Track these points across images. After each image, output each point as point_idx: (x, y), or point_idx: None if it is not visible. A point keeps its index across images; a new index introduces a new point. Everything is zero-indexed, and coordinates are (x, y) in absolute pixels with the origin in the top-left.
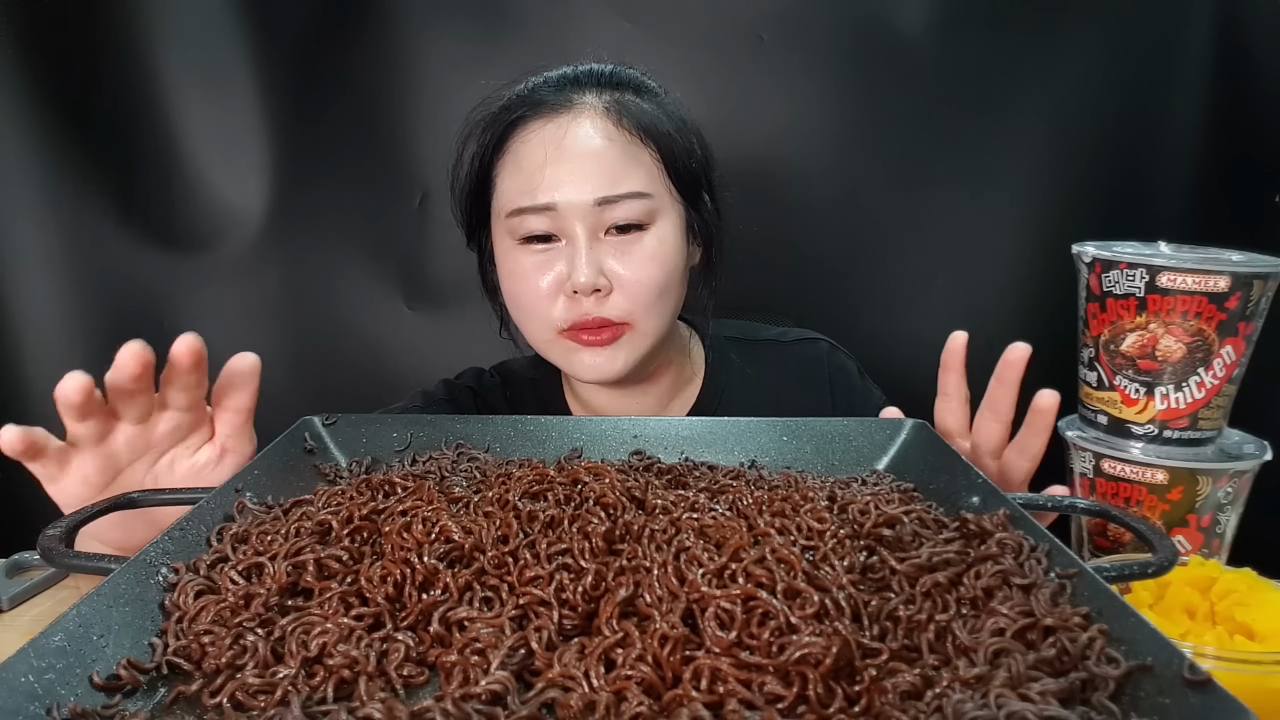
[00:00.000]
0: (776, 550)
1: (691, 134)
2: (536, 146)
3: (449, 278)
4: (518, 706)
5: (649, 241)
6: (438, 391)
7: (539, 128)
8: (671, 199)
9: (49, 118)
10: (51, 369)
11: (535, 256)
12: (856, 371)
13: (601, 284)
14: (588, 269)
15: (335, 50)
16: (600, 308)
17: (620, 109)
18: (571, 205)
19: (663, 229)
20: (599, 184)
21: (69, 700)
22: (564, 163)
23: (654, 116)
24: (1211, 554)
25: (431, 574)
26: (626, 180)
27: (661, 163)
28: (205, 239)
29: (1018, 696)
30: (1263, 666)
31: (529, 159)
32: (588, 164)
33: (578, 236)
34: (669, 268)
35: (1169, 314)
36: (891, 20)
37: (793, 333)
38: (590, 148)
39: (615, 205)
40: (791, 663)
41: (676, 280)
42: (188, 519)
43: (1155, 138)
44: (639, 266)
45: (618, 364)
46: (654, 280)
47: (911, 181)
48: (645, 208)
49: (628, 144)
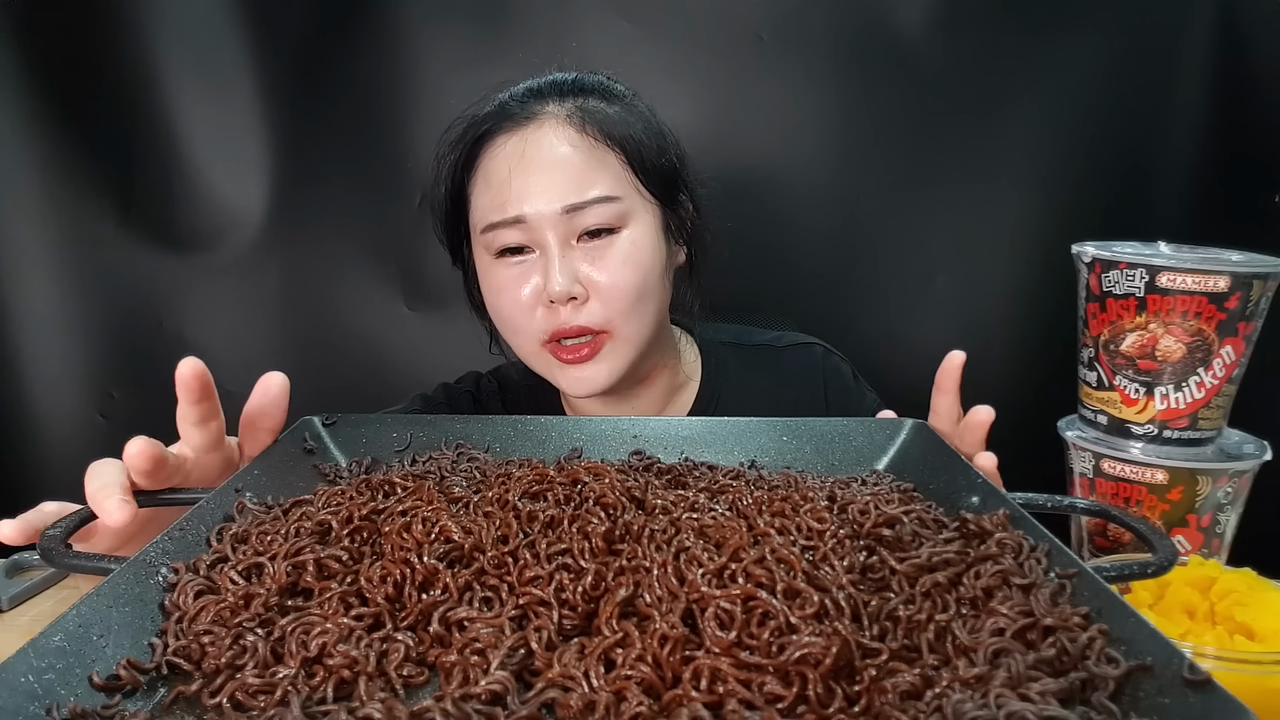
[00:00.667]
0: (776, 550)
1: (661, 134)
2: (502, 161)
3: (449, 278)
4: (517, 706)
5: (622, 244)
6: (437, 395)
7: (504, 142)
8: (643, 201)
9: (49, 118)
10: (51, 369)
11: (512, 270)
12: (851, 374)
13: (577, 291)
14: (561, 277)
15: (335, 50)
16: (578, 316)
17: (583, 115)
18: (540, 215)
19: (636, 231)
20: (565, 191)
21: (69, 700)
22: (530, 174)
23: (619, 120)
24: (1211, 554)
25: (431, 574)
26: (593, 185)
27: (629, 165)
28: (205, 239)
29: (1017, 696)
30: (1263, 666)
31: (496, 174)
32: (553, 173)
33: (549, 246)
34: (645, 269)
35: (1169, 314)
36: (891, 21)
37: (788, 337)
38: (554, 156)
39: (584, 211)
40: (791, 663)
41: (655, 282)
42: (188, 519)
43: (1155, 138)
44: (613, 270)
45: (602, 376)
46: (630, 283)
47: (911, 182)
48: (615, 211)
49: (592, 149)
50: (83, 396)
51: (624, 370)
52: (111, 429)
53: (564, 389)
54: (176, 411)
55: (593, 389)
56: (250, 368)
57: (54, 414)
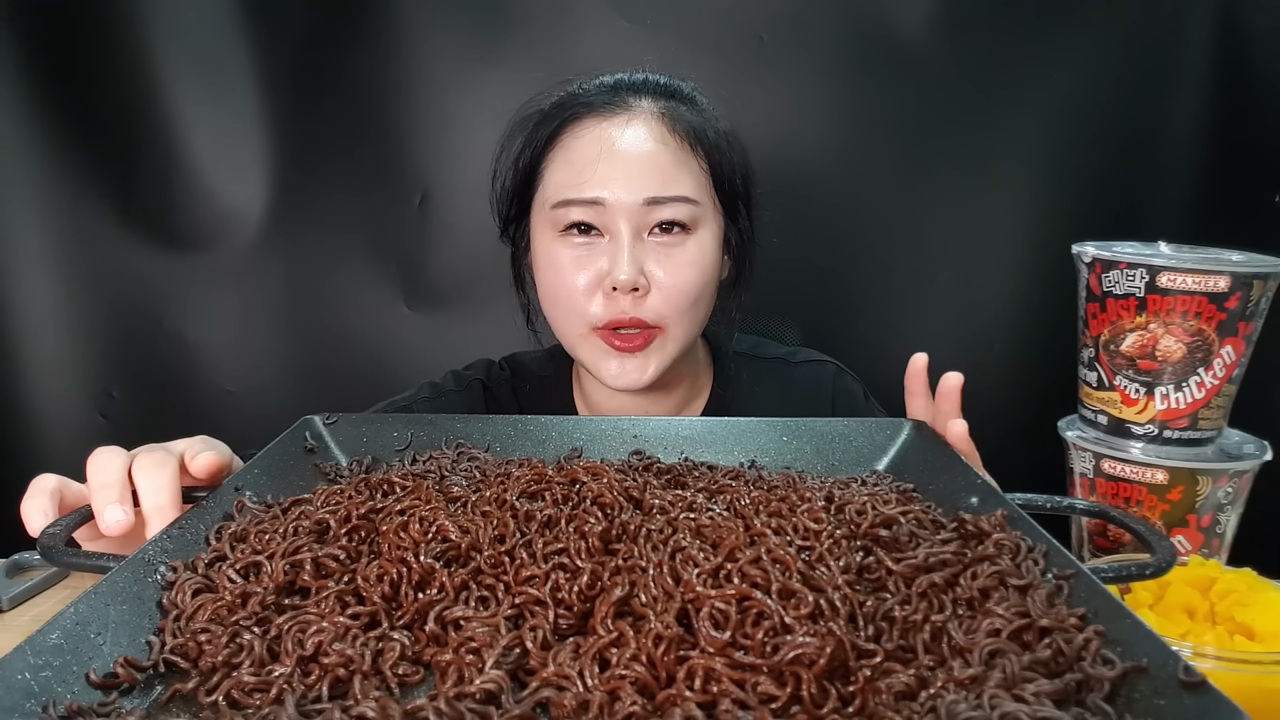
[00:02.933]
0: (772, 550)
1: (737, 150)
2: (590, 143)
3: (449, 278)
4: (512, 705)
5: (690, 247)
6: (446, 383)
7: (593, 125)
8: (714, 210)
9: (49, 118)
10: (51, 369)
11: (575, 250)
12: (862, 394)
13: (640, 283)
14: (629, 266)
15: (335, 50)
16: (636, 308)
17: (674, 116)
18: (620, 202)
19: (703, 237)
20: (650, 184)
21: (66, 698)
22: (616, 161)
23: (706, 127)
24: (1211, 554)
25: (428, 573)
26: (676, 184)
27: (709, 172)
28: (205, 239)
29: (1012, 698)
30: (1262, 666)
31: (580, 154)
32: (640, 164)
33: (621, 234)
34: (706, 276)
35: (1169, 314)
36: (891, 21)
37: (802, 353)
38: (643, 149)
39: (663, 206)
40: (785, 663)
41: (710, 290)
42: (187, 518)
43: (1155, 138)
44: (679, 270)
45: (648, 371)
46: (691, 285)
47: (911, 182)
48: (690, 213)
49: (679, 149)
50: (83, 396)
51: (667, 368)
52: (111, 429)
53: (603, 380)
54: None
55: (636, 383)
56: (250, 368)
57: (54, 414)
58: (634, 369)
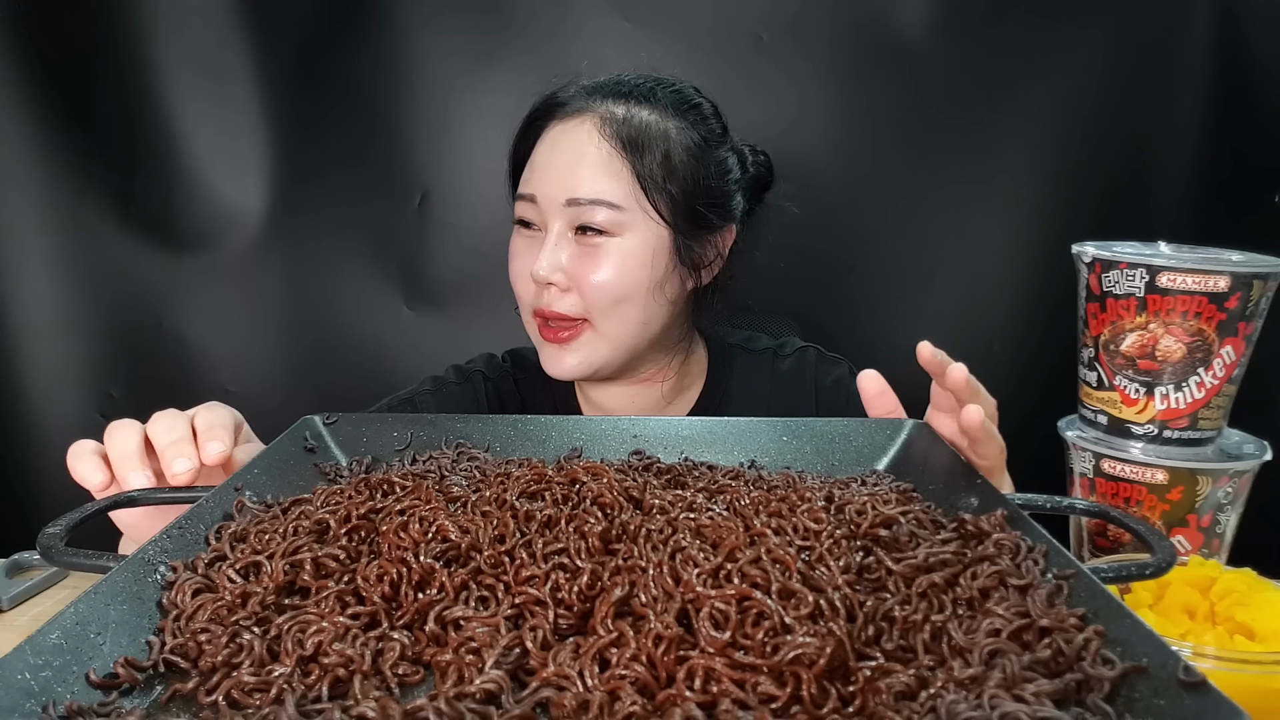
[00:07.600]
0: (772, 550)
1: (710, 164)
2: (547, 142)
3: (449, 278)
4: (511, 705)
5: (610, 250)
6: (447, 376)
7: (554, 125)
8: (647, 218)
9: (49, 118)
10: (51, 369)
11: (522, 241)
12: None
13: (557, 279)
14: (545, 261)
15: (335, 50)
16: (557, 302)
17: (616, 122)
18: (549, 199)
19: (629, 243)
20: (574, 185)
21: (66, 698)
22: (553, 160)
23: (655, 137)
24: (1211, 554)
25: (428, 573)
26: (600, 189)
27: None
28: (205, 239)
29: (1012, 698)
30: (1262, 666)
31: (538, 152)
32: (569, 165)
33: (550, 229)
34: (626, 280)
35: (1169, 314)
36: (891, 20)
37: (789, 344)
38: (577, 151)
39: (582, 208)
40: (785, 663)
41: (640, 294)
42: (187, 517)
43: (1155, 138)
44: (594, 270)
45: (572, 362)
46: (606, 286)
47: (911, 181)
48: (612, 218)
49: (610, 155)
50: (83, 396)
51: (601, 365)
52: None
53: (543, 364)
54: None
55: (561, 373)
56: (250, 368)
57: (54, 414)
58: (560, 358)
